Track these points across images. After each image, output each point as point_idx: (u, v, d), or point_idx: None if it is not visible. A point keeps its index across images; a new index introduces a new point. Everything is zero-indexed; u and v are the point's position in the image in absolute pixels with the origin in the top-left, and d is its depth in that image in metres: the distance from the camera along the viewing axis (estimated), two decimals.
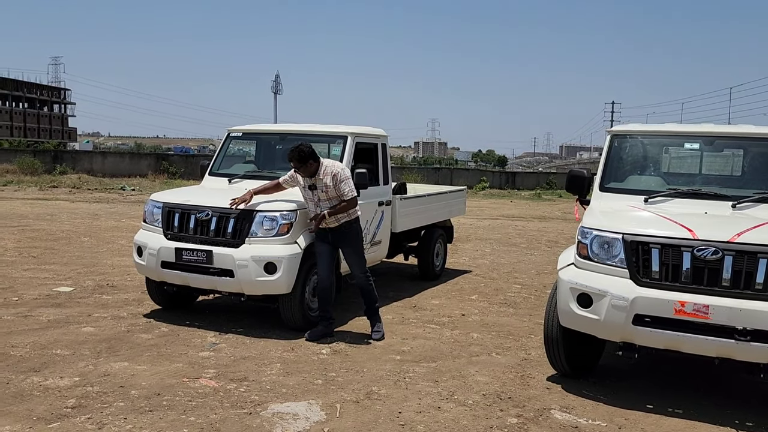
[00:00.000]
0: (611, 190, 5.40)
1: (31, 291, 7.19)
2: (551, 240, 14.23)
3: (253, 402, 4.27)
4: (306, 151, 5.60)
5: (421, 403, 4.38)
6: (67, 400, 4.14)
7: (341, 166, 5.81)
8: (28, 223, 13.18)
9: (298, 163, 5.60)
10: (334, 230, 5.77)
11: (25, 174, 27.56)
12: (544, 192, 35.77)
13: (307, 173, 5.66)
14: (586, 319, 4.49)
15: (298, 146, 5.62)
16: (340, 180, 5.66)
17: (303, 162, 5.59)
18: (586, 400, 4.59)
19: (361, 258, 5.96)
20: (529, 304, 7.71)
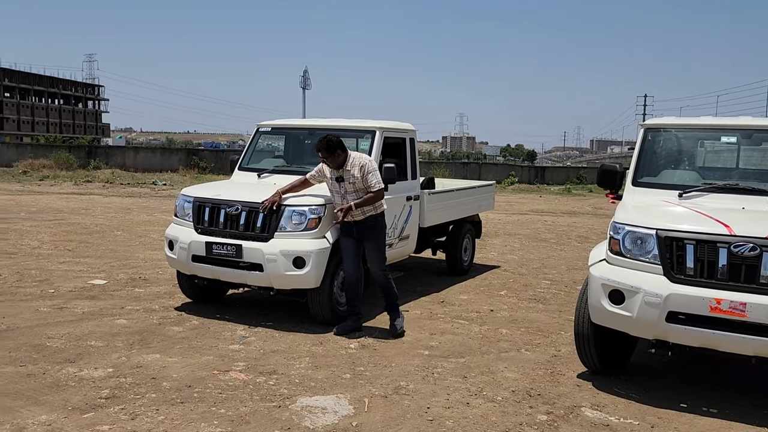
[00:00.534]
0: (644, 185, 5.29)
1: (66, 283, 7.35)
2: (581, 235, 14.04)
3: (282, 395, 4.30)
4: (334, 141, 5.59)
5: (450, 399, 4.36)
6: (101, 390, 4.23)
7: (369, 158, 5.79)
8: (64, 217, 13.48)
9: (326, 152, 5.57)
10: (359, 223, 5.73)
11: (61, 169, 28.18)
12: (574, 187, 35.31)
13: (334, 164, 5.63)
14: (618, 315, 4.41)
15: (327, 136, 5.62)
16: (367, 171, 5.63)
17: (331, 152, 5.56)
18: (617, 398, 4.52)
19: (382, 255, 5.89)
20: (558, 300, 7.62)
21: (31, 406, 3.94)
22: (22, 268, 8.05)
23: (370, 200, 5.67)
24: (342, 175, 5.66)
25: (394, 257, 7.24)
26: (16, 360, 4.75)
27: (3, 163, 29.96)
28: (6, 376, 4.42)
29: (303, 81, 69.86)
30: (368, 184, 5.63)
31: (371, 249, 5.84)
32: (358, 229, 5.76)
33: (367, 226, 5.76)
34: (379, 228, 5.87)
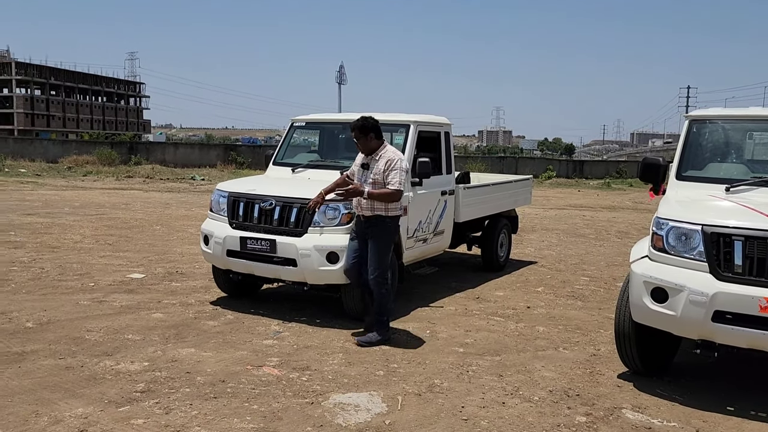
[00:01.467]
0: (689, 179, 5.09)
1: (106, 277, 7.48)
2: (621, 231, 13.71)
3: (315, 391, 4.27)
4: (370, 123, 5.30)
5: (485, 398, 4.27)
6: (136, 384, 4.27)
7: (402, 157, 5.39)
8: (105, 212, 13.77)
9: (359, 133, 5.28)
10: (367, 220, 5.33)
11: (104, 165, 28.88)
12: (614, 181, 34.56)
13: (365, 148, 5.35)
14: (661, 314, 4.25)
15: (365, 117, 5.35)
16: (392, 168, 5.23)
17: (364, 134, 5.29)
18: (660, 400, 4.36)
19: (381, 259, 5.32)
20: (597, 297, 7.43)
21: (68, 399, 3.99)
22: (64, 262, 8.24)
23: (384, 196, 5.20)
24: (369, 162, 5.36)
25: (428, 253, 7.17)
26: (56, 353, 4.84)
27: (49, 159, 30.84)
28: (46, 369, 4.50)
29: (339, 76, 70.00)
30: (387, 180, 5.22)
31: (372, 250, 5.32)
32: (366, 225, 5.35)
33: (373, 224, 5.31)
34: (385, 230, 5.35)
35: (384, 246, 5.37)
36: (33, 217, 12.48)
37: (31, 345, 4.99)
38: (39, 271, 7.65)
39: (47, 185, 20.43)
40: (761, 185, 4.73)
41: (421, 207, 6.70)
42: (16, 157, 29.91)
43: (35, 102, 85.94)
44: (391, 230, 5.42)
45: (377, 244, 5.33)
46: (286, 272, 5.82)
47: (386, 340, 5.37)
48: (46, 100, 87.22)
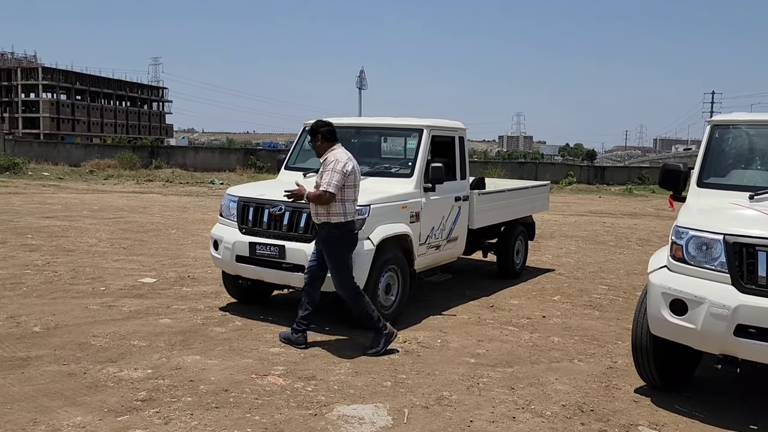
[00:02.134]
0: (711, 186, 4.90)
1: (117, 281, 7.46)
2: (642, 238, 13.43)
3: (319, 402, 4.16)
4: (319, 125, 5.27)
5: (495, 412, 4.12)
6: (138, 392, 4.19)
7: (341, 159, 5.13)
8: (123, 216, 13.84)
9: (311, 136, 5.34)
10: (319, 227, 5.21)
11: (125, 168, 29.15)
12: (636, 187, 34.06)
13: (316, 151, 5.33)
14: (680, 327, 4.07)
15: (318, 120, 5.39)
16: (326, 168, 5.08)
17: (313, 136, 5.28)
18: (678, 417, 4.18)
19: (337, 274, 5.17)
20: (616, 307, 7.23)
21: (68, 407, 3.93)
22: (78, 266, 8.24)
23: (314, 198, 5.03)
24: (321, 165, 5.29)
25: (441, 260, 7.03)
26: (60, 358, 4.79)
27: (72, 162, 31.23)
28: (48, 375, 4.45)
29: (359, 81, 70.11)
30: (320, 181, 5.09)
31: (328, 264, 5.20)
32: (317, 233, 5.26)
33: (322, 235, 5.16)
34: (332, 240, 5.13)
35: (334, 258, 5.16)
36: (51, 220, 12.57)
37: (36, 350, 4.96)
38: (52, 275, 7.65)
39: (68, 188, 20.65)
40: None
41: (434, 213, 6.56)
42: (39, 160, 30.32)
43: (61, 106, 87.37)
44: (337, 240, 5.14)
45: (327, 256, 5.18)
46: (296, 279, 5.72)
47: (390, 335, 5.20)
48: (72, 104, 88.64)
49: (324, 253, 5.21)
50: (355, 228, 5.30)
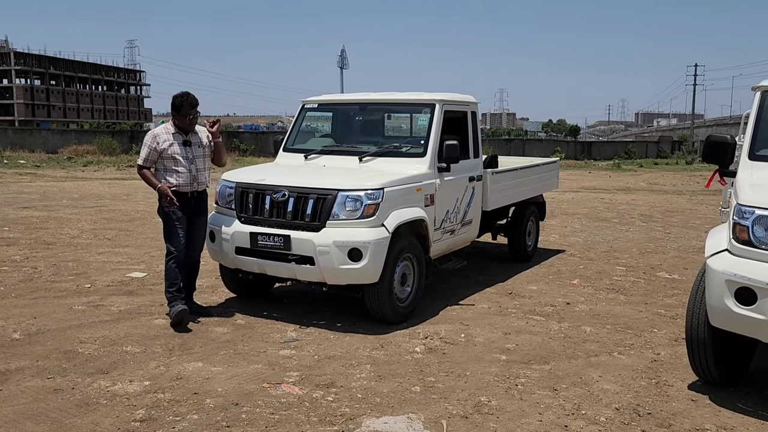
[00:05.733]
0: (764, 159, 4.42)
1: (104, 277, 6.87)
2: (644, 214, 13.07)
3: (344, 415, 3.66)
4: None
5: (543, 420, 3.65)
6: (135, 410, 3.65)
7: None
8: (105, 204, 13.16)
9: (191, 109, 5.37)
10: (201, 194, 5.57)
11: (104, 154, 28.30)
12: (623, 162, 33.94)
13: (190, 126, 5.41)
14: (748, 319, 3.61)
15: (187, 92, 5.46)
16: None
17: (193, 108, 5.38)
18: (746, 418, 3.75)
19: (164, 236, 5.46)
20: (639, 289, 6.80)
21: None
22: (59, 260, 7.63)
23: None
24: (191, 138, 5.40)
25: (456, 245, 6.53)
26: (44, 371, 4.23)
27: (49, 149, 30.28)
28: (31, 392, 3.89)
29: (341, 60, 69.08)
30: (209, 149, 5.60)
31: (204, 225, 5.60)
32: (198, 200, 5.50)
33: (204, 199, 5.56)
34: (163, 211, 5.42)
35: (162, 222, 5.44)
36: (29, 210, 11.87)
37: (16, 361, 4.39)
38: (31, 272, 7.04)
39: (46, 176, 19.83)
40: None
41: (449, 195, 6.05)
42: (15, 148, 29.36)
43: (35, 92, 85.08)
44: (162, 211, 5.39)
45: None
46: (303, 271, 5.19)
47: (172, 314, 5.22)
48: (46, 90, 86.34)
49: (204, 217, 5.60)
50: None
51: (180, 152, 5.29)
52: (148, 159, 5.31)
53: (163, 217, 5.38)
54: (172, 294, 5.28)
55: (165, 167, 5.31)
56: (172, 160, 5.28)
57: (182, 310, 5.18)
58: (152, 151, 5.28)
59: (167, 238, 5.37)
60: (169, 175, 5.30)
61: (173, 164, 5.29)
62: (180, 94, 5.36)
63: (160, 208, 5.40)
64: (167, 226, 5.36)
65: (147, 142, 5.32)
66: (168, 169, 5.30)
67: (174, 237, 5.32)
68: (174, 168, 5.29)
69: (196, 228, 5.52)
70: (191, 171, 5.34)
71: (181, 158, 5.29)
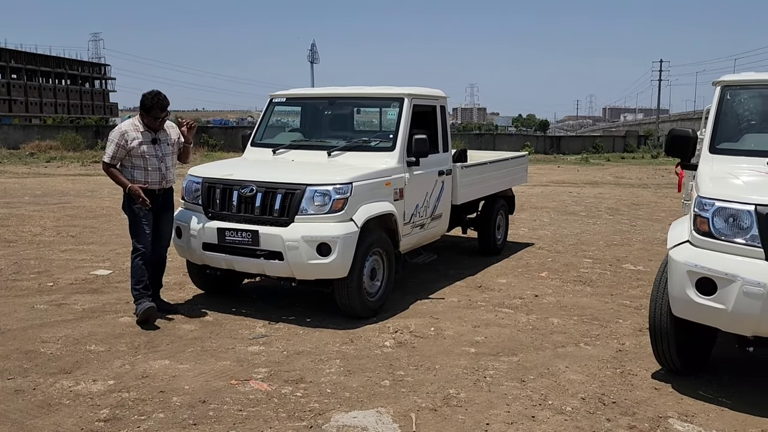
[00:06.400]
0: (724, 152, 4.53)
1: (67, 275, 6.72)
2: (611, 207, 13.28)
3: (312, 411, 3.64)
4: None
5: (511, 411, 3.69)
6: (99, 410, 3.58)
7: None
8: (69, 200, 12.87)
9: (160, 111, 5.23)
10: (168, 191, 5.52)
11: (68, 150, 27.67)
12: (591, 156, 34.42)
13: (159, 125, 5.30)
14: (708, 308, 3.70)
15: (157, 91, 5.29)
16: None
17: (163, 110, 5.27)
18: (707, 405, 3.84)
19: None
20: (605, 281, 6.91)
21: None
22: (21, 258, 7.44)
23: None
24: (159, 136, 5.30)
25: (426, 239, 6.55)
26: (4, 371, 4.12)
27: (10, 145, 29.48)
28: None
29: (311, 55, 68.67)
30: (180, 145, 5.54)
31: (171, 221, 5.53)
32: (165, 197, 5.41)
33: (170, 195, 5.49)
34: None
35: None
36: None
37: None
38: None
39: (7, 173, 19.31)
40: None
41: (418, 189, 6.06)
42: None
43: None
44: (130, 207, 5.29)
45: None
46: (272, 267, 5.15)
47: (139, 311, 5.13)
48: (7, 83, 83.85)
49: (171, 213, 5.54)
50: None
51: (149, 151, 5.19)
52: (116, 157, 5.19)
53: (129, 213, 5.28)
54: (138, 291, 5.19)
55: (133, 164, 5.20)
56: (140, 158, 5.18)
57: (149, 308, 5.09)
58: (120, 149, 5.16)
59: (133, 235, 5.27)
60: (137, 172, 5.20)
61: (141, 162, 5.18)
62: (150, 96, 5.20)
63: (125, 204, 5.30)
64: (133, 223, 5.26)
65: (114, 139, 5.17)
66: (136, 166, 5.19)
67: (140, 234, 5.22)
68: (142, 166, 5.19)
69: (163, 224, 5.43)
70: (160, 169, 5.25)
71: (150, 156, 5.20)
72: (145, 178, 5.20)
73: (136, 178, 5.20)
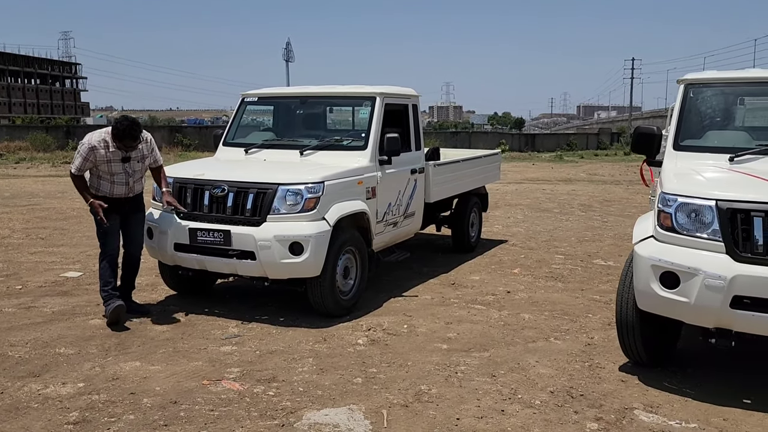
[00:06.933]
0: (687, 149, 4.64)
1: (36, 278, 6.63)
2: (584, 204, 13.46)
3: (284, 409, 3.65)
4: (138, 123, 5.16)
5: (481, 406, 3.74)
6: (69, 413, 3.56)
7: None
8: (39, 202, 12.67)
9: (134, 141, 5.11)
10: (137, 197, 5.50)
11: (38, 151, 27.16)
12: (565, 153, 34.83)
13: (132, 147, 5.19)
14: (672, 301, 3.79)
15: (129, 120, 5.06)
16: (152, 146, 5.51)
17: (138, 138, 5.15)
18: (671, 396, 3.93)
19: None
20: (576, 276, 7.02)
21: None
22: None
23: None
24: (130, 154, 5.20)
25: (399, 237, 6.59)
26: None
27: None
28: None
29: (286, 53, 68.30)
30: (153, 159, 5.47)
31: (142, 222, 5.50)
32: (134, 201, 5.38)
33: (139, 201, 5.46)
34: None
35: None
36: None
37: None
38: None
39: None
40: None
41: (391, 187, 6.09)
42: None
43: None
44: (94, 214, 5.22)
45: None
46: (244, 267, 5.15)
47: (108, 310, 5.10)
48: None
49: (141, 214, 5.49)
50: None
51: (117, 168, 5.13)
52: (82, 169, 5.12)
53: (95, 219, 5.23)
54: (107, 293, 5.15)
55: (100, 175, 5.14)
56: (108, 173, 5.13)
57: (118, 306, 5.05)
58: (87, 162, 5.08)
59: (100, 238, 5.23)
60: (104, 183, 5.15)
61: (109, 176, 5.14)
62: (123, 127, 5.00)
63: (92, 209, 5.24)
64: (99, 228, 5.21)
65: (83, 153, 5.05)
66: (103, 177, 5.14)
67: (107, 236, 5.18)
68: (109, 179, 5.15)
69: (134, 225, 5.39)
70: (128, 183, 5.22)
71: (119, 173, 5.15)
72: (111, 190, 5.16)
73: (102, 188, 5.15)
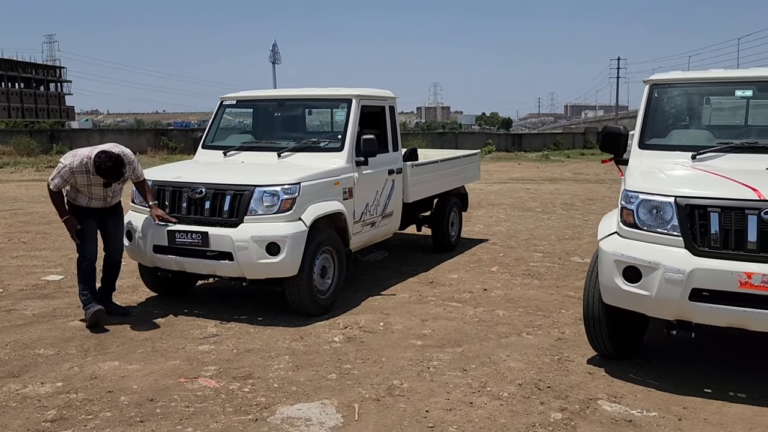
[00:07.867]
0: (652, 147, 4.78)
1: (17, 281, 6.67)
2: (566, 203, 13.63)
3: (259, 405, 3.75)
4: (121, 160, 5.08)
5: (450, 398, 3.85)
6: (47, 411, 3.63)
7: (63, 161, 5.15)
8: (22, 206, 12.65)
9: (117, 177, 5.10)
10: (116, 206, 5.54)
11: (22, 155, 27.03)
12: (552, 153, 35.07)
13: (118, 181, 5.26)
14: (635, 295, 3.93)
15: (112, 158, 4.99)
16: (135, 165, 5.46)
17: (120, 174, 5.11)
18: (635, 386, 4.06)
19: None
20: (553, 274, 7.16)
21: None
22: None
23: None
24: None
25: (377, 237, 6.70)
26: None
27: None
28: None
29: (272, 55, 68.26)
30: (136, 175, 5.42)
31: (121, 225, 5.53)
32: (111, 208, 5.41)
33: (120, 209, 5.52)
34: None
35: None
36: None
37: None
38: None
39: None
40: (729, 151, 4.46)
41: (368, 188, 6.20)
42: None
43: None
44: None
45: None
46: (222, 267, 5.23)
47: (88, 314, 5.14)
48: None
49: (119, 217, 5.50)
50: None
51: (98, 191, 5.21)
52: (60, 187, 5.16)
53: None
54: (86, 296, 5.21)
55: (79, 189, 5.19)
56: (87, 192, 5.20)
57: (98, 310, 5.12)
58: (66, 183, 5.13)
59: (78, 243, 5.28)
60: (81, 197, 5.23)
61: (88, 193, 5.20)
62: (107, 168, 4.95)
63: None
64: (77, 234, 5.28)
65: (63, 175, 5.05)
66: (82, 192, 5.20)
67: (85, 241, 5.24)
68: (89, 195, 5.22)
69: (112, 228, 5.45)
70: (106, 199, 5.31)
71: (98, 193, 5.23)
72: (88, 204, 5.25)
73: (79, 201, 5.23)
